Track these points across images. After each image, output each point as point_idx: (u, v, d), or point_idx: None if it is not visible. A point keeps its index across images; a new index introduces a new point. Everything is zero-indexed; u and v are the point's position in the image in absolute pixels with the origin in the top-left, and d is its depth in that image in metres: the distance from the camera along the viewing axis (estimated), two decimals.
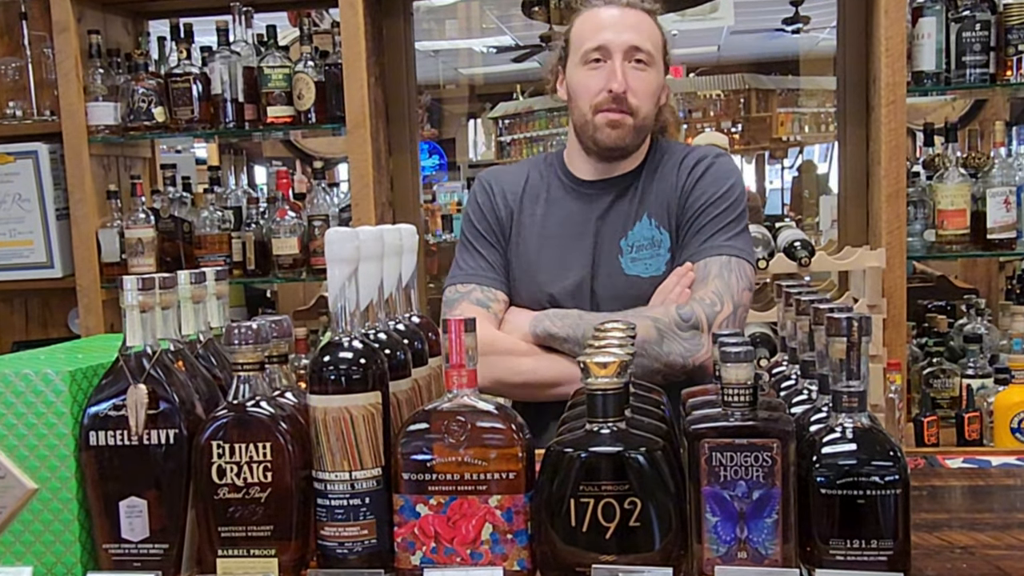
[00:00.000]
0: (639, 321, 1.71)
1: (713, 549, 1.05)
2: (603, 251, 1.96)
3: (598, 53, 1.90)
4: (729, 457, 1.03)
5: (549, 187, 2.04)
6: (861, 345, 1.03)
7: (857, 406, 1.05)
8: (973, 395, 2.58)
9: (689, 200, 1.95)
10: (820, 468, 1.03)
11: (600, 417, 1.08)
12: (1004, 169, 2.66)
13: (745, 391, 1.05)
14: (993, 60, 2.65)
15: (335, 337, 1.15)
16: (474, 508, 1.11)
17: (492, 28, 8.63)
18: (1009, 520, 1.31)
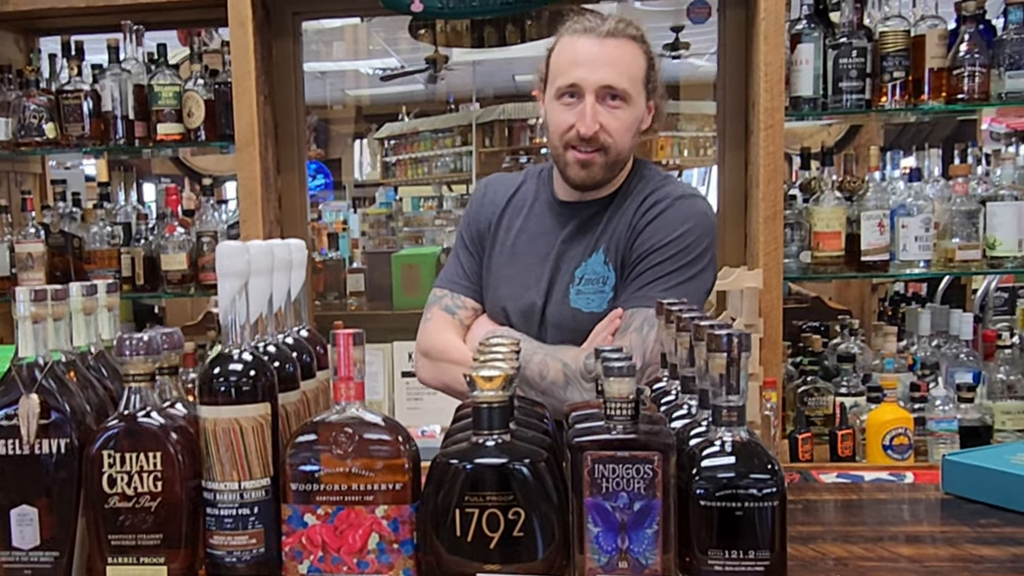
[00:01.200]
0: (552, 362, 1.85)
1: (595, 559, 1.08)
2: (558, 277, 1.97)
3: (571, 90, 1.86)
4: (611, 469, 1.06)
5: (535, 200, 2.06)
6: (740, 361, 1.08)
7: (736, 420, 1.09)
8: (846, 413, 2.67)
9: (637, 242, 1.92)
10: (700, 480, 1.07)
11: (485, 429, 1.10)
12: (878, 193, 2.77)
13: (627, 405, 1.08)
14: (869, 86, 2.76)
15: (225, 349, 1.17)
16: (361, 518, 1.12)
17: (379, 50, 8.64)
18: (881, 533, 1.37)
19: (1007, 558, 1.24)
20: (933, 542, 1.33)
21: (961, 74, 2.69)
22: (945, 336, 2.84)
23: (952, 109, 2.83)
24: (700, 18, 3.45)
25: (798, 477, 1.64)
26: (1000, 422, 2.65)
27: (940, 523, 1.43)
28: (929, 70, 2.72)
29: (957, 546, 1.29)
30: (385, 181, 11.62)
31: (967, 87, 2.69)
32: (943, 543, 1.31)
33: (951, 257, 2.78)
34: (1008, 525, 1.36)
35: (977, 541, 1.30)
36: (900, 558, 1.25)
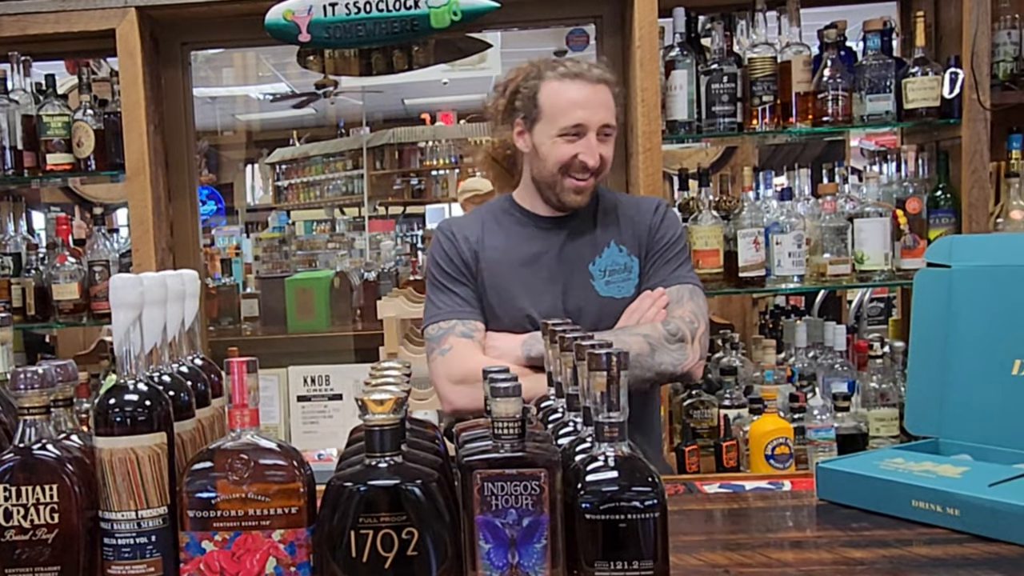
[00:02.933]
0: (630, 338, 2.06)
1: (487, 575, 1.09)
2: (572, 275, 2.20)
3: (576, 130, 2.12)
4: (500, 487, 1.09)
5: (505, 226, 2.27)
6: (620, 379, 1.10)
7: (618, 436, 1.13)
8: (730, 425, 2.74)
9: (656, 236, 2.24)
10: (584, 495, 1.10)
11: (378, 452, 1.12)
12: (753, 212, 2.86)
13: (514, 424, 1.10)
14: (740, 110, 2.86)
15: (120, 380, 1.16)
16: (258, 543, 1.12)
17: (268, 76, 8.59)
18: (761, 539, 1.42)
19: (878, 559, 1.29)
20: (810, 547, 1.38)
21: (825, 98, 2.82)
22: (821, 348, 2.95)
23: (818, 131, 2.95)
24: (579, 45, 3.54)
25: (683, 488, 1.69)
26: (874, 429, 2.76)
27: (816, 528, 1.48)
28: (796, 94, 2.84)
29: (832, 550, 1.34)
30: (277, 205, 11.52)
31: (831, 110, 2.82)
32: (819, 547, 1.36)
33: (823, 272, 2.88)
34: (878, 528, 1.42)
35: (850, 544, 1.36)
36: (779, 563, 1.29)
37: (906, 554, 1.31)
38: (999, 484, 1.43)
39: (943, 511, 1.41)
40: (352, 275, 5.62)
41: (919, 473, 1.48)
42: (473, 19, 2.97)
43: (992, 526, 1.36)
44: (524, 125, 2.20)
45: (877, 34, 2.84)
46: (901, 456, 1.58)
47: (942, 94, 2.81)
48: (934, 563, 1.28)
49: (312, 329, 5.13)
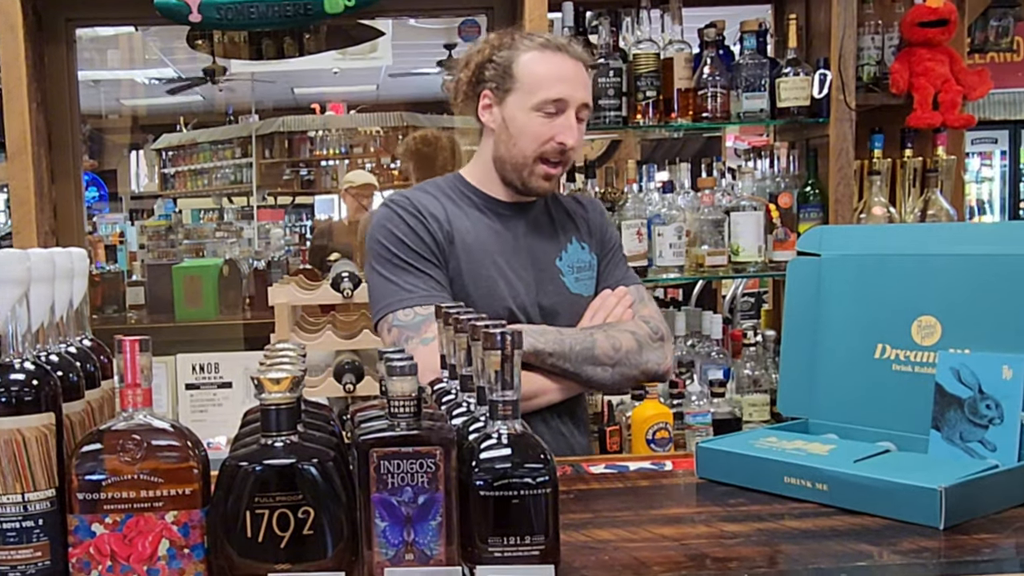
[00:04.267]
0: (620, 335, 1.97)
1: (383, 553, 1.09)
2: (542, 269, 2.06)
3: (555, 106, 1.92)
4: (396, 465, 1.08)
5: (464, 208, 2.05)
6: (514, 357, 1.11)
7: (511, 414, 1.13)
8: (613, 411, 2.78)
9: (607, 236, 2.18)
10: (479, 472, 1.10)
11: (273, 431, 1.10)
12: (636, 203, 2.91)
13: (409, 403, 1.10)
14: (625, 104, 2.89)
15: (6, 359, 1.11)
16: (150, 525, 1.10)
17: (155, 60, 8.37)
18: (643, 516, 1.44)
19: (752, 532, 1.33)
20: (690, 522, 1.40)
21: (705, 94, 2.88)
22: (699, 336, 3.01)
23: (698, 127, 3.01)
24: (471, 36, 3.54)
25: (570, 469, 1.70)
26: (748, 414, 2.83)
27: (696, 505, 1.51)
28: (677, 90, 2.90)
29: (711, 524, 1.37)
30: (164, 193, 11.24)
31: (711, 106, 2.88)
32: (699, 523, 1.39)
33: (701, 263, 2.95)
34: (753, 503, 1.46)
35: (727, 519, 1.39)
36: (662, 538, 1.32)
37: (779, 527, 1.35)
38: (863, 460, 1.48)
39: (813, 486, 1.45)
40: (241, 263, 5.52)
41: (791, 451, 1.53)
42: (366, 5, 2.94)
43: (857, 499, 1.41)
44: (494, 97, 1.98)
45: (753, 35, 2.91)
46: (774, 435, 1.63)
47: (812, 94, 2.89)
48: (804, 535, 1.32)
49: (200, 317, 5.01)
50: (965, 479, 1.37)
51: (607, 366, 1.93)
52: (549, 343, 1.90)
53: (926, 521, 1.34)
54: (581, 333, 1.96)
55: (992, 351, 1.56)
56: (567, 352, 1.90)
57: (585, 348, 1.91)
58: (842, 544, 1.27)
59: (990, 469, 1.43)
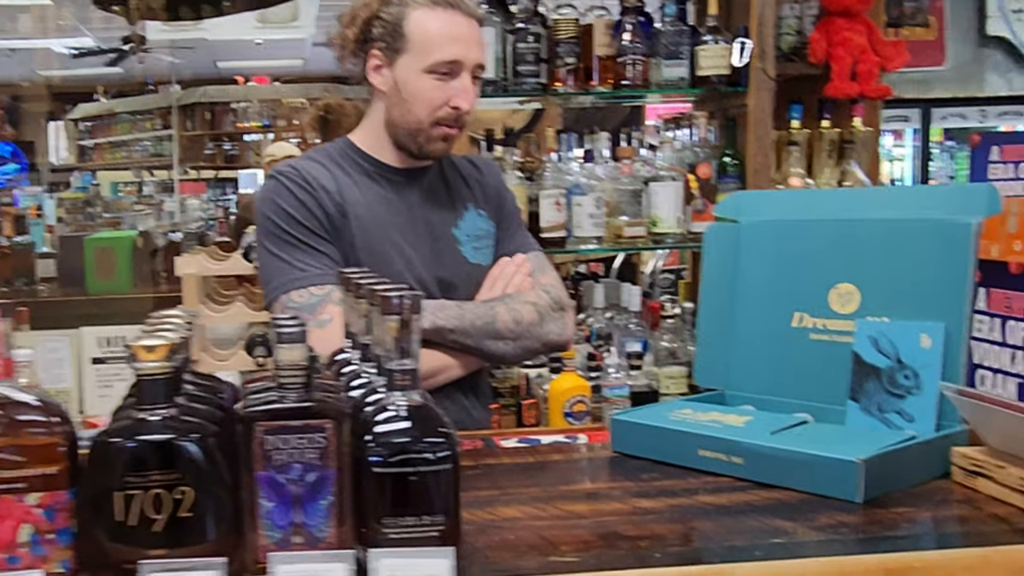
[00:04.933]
0: (521, 306, 1.87)
1: (268, 535, 1.00)
2: (439, 239, 1.94)
3: (450, 67, 1.81)
4: (283, 440, 0.99)
5: (355, 176, 1.91)
6: (412, 323, 1.02)
7: (410, 384, 1.04)
8: (531, 383, 2.70)
9: (504, 200, 2.06)
10: (374, 447, 1.01)
11: (149, 404, 1.00)
12: (555, 173, 2.82)
13: (299, 373, 1.00)
14: (545, 71, 2.80)
15: None
16: (10, 508, 0.99)
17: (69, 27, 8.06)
18: (554, 492, 1.36)
19: (665, 508, 1.26)
20: (603, 498, 1.33)
21: (625, 62, 2.79)
22: (617, 308, 2.94)
23: (618, 95, 2.93)
24: None
25: (480, 444, 1.62)
26: (665, 386, 2.77)
27: (609, 480, 1.44)
28: (597, 57, 2.81)
29: (624, 500, 1.29)
30: (82, 165, 10.89)
31: (631, 74, 2.80)
32: (612, 499, 1.31)
33: (620, 234, 2.87)
34: (667, 478, 1.38)
35: (640, 495, 1.32)
36: (573, 515, 1.24)
37: (693, 503, 1.28)
38: (780, 432, 1.42)
39: (728, 459, 1.38)
40: (157, 236, 5.32)
41: (706, 423, 1.46)
42: None
43: (773, 473, 1.34)
44: (384, 58, 1.84)
45: (673, 2, 2.83)
46: (690, 407, 1.56)
47: (732, 63, 2.83)
48: (719, 510, 1.25)
49: (112, 290, 4.84)
50: (883, 451, 1.31)
51: (509, 340, 1.84)
52: (449, 319, 1.80)
53: (844, 495, 1.28)
54: (482, 307, 1.86)
55: (911, 319, 1.50)
56: (468, 328, 1.81)
57: (486, 323, 1.82)
58: (758, 520, 1.20)
59: (908, 440, 1.37)
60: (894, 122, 7.74)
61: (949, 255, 1.48)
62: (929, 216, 1.52)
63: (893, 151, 8.44)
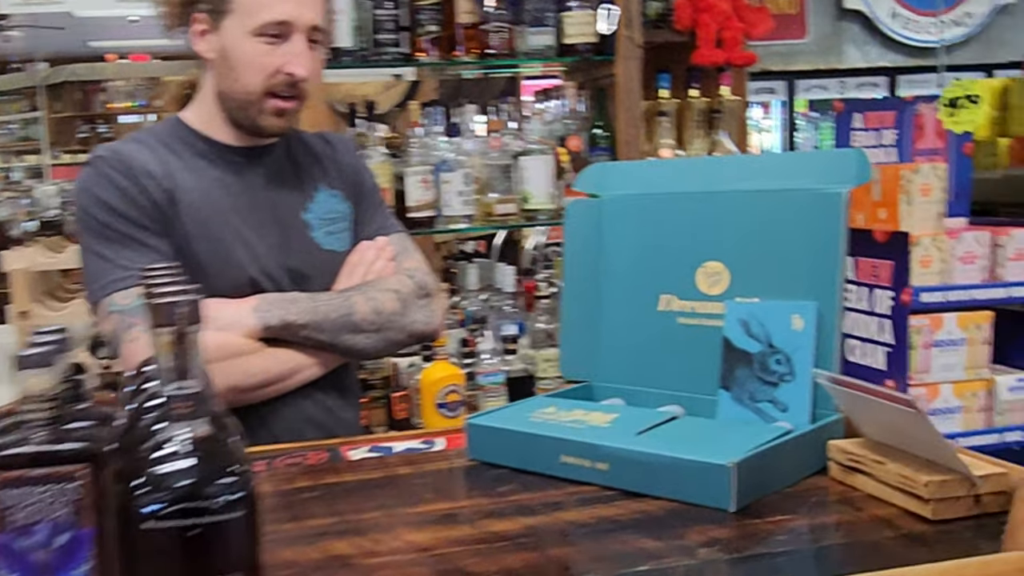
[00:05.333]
0: (381, 295, 1.68)
1: None
2: (288, 225, 1.72)
3: (279, 29, 1.59)
4: (23, 494, 0.77)
5: (187, 158, 1.68)
6: (188, 336, 0.81)
7: (193, 412, 0.83)
8: (401, 374, 2.52)
9: (362, 179, 1.86)
10: (145, 494, 0.80)
11: None
12: (422, 149, 2.63)
13: (44, 406, 0.79)
14: (407, 40, 2.60)
15: None
16: None
17: None
18: (396, 517, 1.17)
19: (521, 532, 1.08)
20: (451, 522, 1.14)
21: (489, 30, 2.61)
22: (492, 289, 2.77)
23: (484, 64, 2.75)
24: None
25: (326, 456, 1.42)
26: (542, 370, 2.62)
27: (462, 497, 1.25)
28: (460, 25, 2.62)
29: (475, 523, 1.12)
30: None
31: (495, 43, 2.62)
32: (462, 522, 1.14)
33: (491, 211, 2.70)
34: (526, 490, 1.21)
35: (495, 514, 1.14)
36: (412, 548, 1.05)
37: (552, 522, 1.11)
38: (647, 432, 1.26)
39: (592, 466, 1.22)
40: (13, 225, 4.96)
41: (568, 424, 1.30)
42: None
43: (639, 480, 1.18)
44: (208, 21, 1.62)
45: None
46: (554, 404, 1.39)
47: (598, 30, 2.67)
48: (581, 529, 1.09)
49: None
50: (755, 451, 1.16)
51: (369, 332, 1.65)
52: (301, 313, 1.61)
53: (716, 503, 1.13)
54: (338, 298, 1.66)
55: (782, 298, 1.36)
56: (322, 322, 1.62)
57: (343, 315, 1.63)
58: (622, 540, 1.04)
59: (782, 436, 1.23)
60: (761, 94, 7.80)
61: (819, 227, 1.34)
62: (797, 186, 1.38)
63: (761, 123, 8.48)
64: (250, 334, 1.59)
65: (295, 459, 1.39)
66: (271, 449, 1.44)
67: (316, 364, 1.67)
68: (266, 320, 1.59)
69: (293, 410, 1.68)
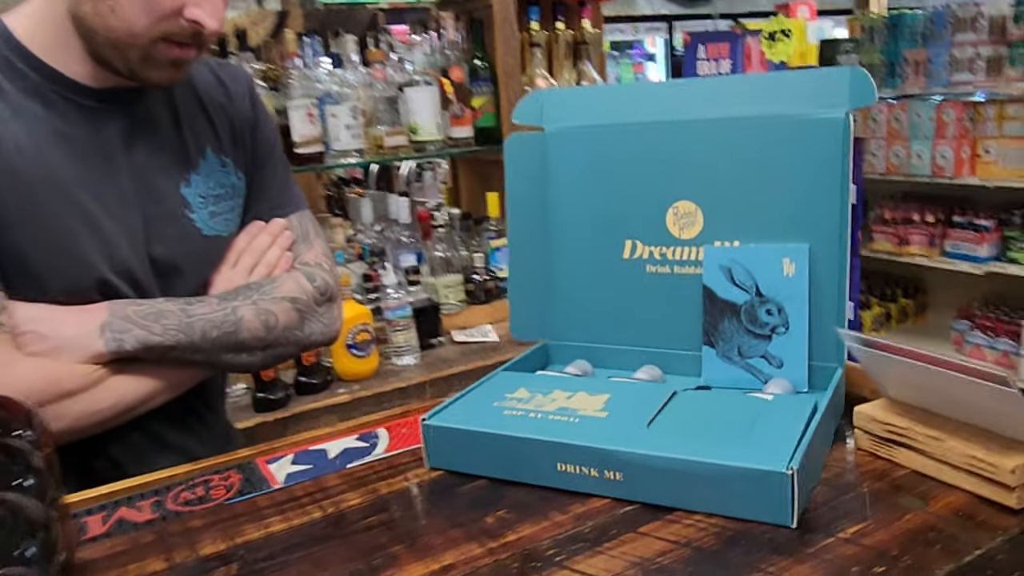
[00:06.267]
0: (276, 306, 1.05)
1: None
2: (157, 202, 1.01)
3: None
4: None
5: (11, 96, 0.92)
6: None
7: None
8: None
9: (259, 137, 1.12)
10: None
11: None
12: (303, 82, 2.04)
13: None
14: None
15: None
16: None
17: None
18: None
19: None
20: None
21: None
22: (386, 221, 2.25)
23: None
24: None
25: (238, 481, 0.88)
26: (444, 296, 2.14)
27: (442, 547, 0.74)
28: None
29: None
30: None
31: None
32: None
33: (381, 144, 2.16)
34: (521, 519, 0.75)
35: (496, 572, 0.68)
36: None
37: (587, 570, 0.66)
38: (655, 420, 0.82)
39: (600, 475, 0.77)
40: None
41: (555, 417, 0.83)
42: None
43: (663, 492, 0.75)
44: None
45: None
46: (523, 385, 0.92)
47: None
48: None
49: None
50: (803, 444, 0.74)
51: (256, 350, 1.04)
52: (169, 332, 0.96)
53: (772, 518, 0.70)
54: (220, 310, 1.01)
55: (766, 241, 0.93)
56: (199, 342, 0.98)
57: (225, 333, 1.00)
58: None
59: (812, 413, 0.81)
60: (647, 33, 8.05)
61: (811, 159, 0.91)
62: (780, 111, 0.93)
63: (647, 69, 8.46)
64: (95, 360, 0.93)
65: (192, 490, 0.87)
66: (152, 480, 0.90)
67: (181, 384, 1.02)
68: (120, 344, 0.93)
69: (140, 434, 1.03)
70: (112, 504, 0.85)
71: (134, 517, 0.82)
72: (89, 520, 0.82)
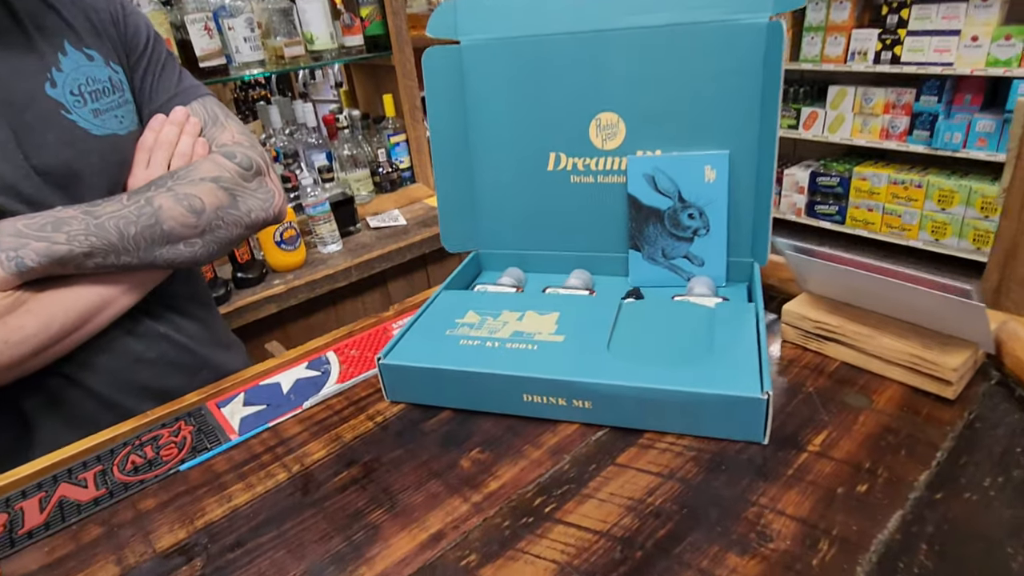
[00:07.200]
0: (196, 188, 0.74)
1: None
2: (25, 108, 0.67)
3: None
4: None
5: None
6: None
7: None
8: None
9: (131, 33, 0.79)
10: None
11: None
12: None
13: None
14: None
15: None
16: None
17: None
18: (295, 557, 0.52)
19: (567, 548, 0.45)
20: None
21: None
22: (295, 125, 1.88)
23: None
24: None
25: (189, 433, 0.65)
26: (356, 189, 1.84)
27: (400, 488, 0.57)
28: None
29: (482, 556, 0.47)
30: None
31: None
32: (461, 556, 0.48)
33: (280, 55, 1.75)
34: (498, 461, 0.56)
35: (492, 538, 0.49)
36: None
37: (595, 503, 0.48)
38: (614, 341, 0.63)
39: (567, 404, 0.58)
40: None
41: (513, 345, 0.63)
42: None
43: (635, 416, 0.57)
44: None
45: None
46: (470, 308, 0.71)
47: None
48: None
49: None
50: (763, 362, 0.57)
51: (192, 239, 0.74)
52: (77, 240, 0.66)
53: (745, 437, 0.54)
54: (131, 204, 0.70)
55: (688, 150, 0.73)
56: (118, 242, 0.68)
57: (146, 227, 0.70)
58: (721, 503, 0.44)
59: (757, 325, 0.64)
60: None
61: (732, 66, 0.69)
62: (698, 19, 0.70)
63: None
64: (2, 286, 0.64)
65: (140, 450, 0.62)
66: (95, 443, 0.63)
67: (127, 291, 0.73)
68: (19, 261, 0.64)
69: (118, 359, 0.75)
70: (51, 480, 0.59)
71: (78, 495, 0.57)
72: (25, 506, 0.56)
